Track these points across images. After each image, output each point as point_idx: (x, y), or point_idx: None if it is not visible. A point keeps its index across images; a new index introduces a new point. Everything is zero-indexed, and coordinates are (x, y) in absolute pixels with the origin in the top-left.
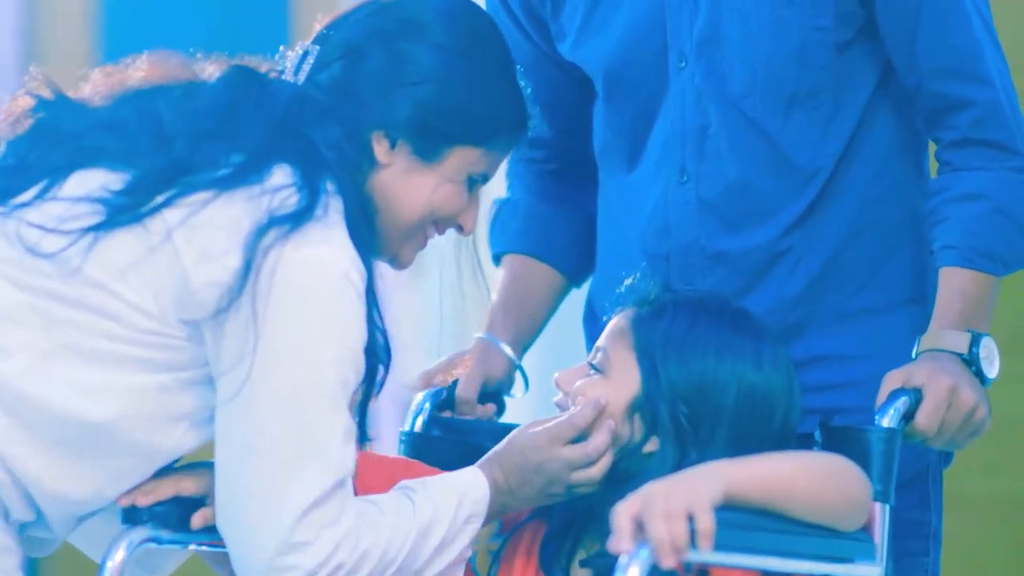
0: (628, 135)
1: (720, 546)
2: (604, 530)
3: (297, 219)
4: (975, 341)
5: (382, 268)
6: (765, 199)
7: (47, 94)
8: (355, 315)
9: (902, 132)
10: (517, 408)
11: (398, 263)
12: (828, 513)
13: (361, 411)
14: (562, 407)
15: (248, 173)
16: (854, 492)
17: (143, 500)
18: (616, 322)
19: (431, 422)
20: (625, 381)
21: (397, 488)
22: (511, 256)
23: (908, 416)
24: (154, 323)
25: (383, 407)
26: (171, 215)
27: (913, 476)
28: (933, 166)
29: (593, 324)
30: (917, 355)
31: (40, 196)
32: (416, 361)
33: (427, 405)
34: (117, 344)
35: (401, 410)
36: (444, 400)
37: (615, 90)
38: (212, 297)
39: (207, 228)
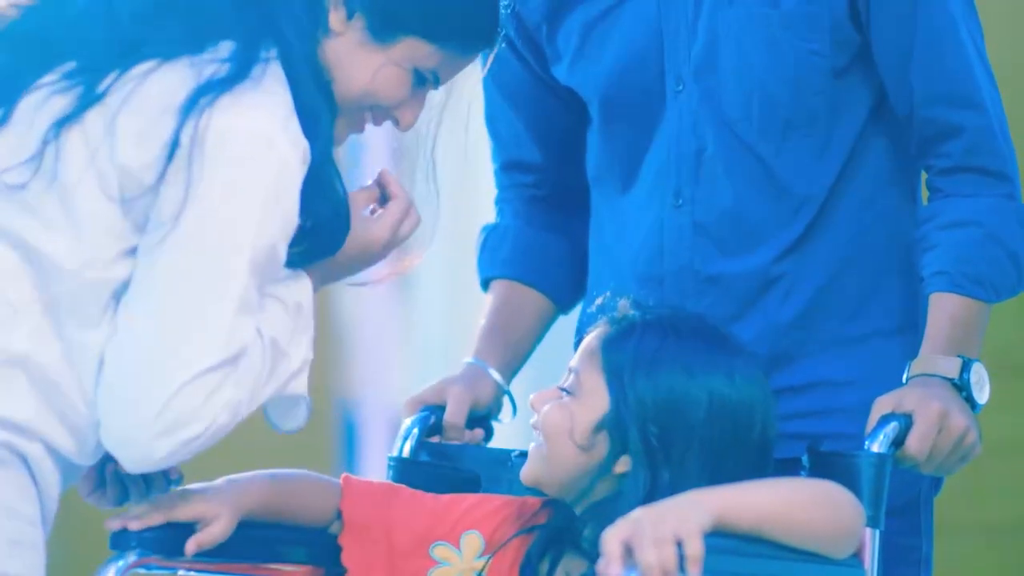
0: (623, 158)
1: (709, 571)
2: (583, 551)
3: (225, 84)
4: (966, 367)
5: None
6: (759, 224)
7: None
8: (281, 186)
9: (895, 160)
10: (505, 433)
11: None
12: (818, 541)
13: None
14: (538, 428)
15: (189, 44)
16: (845, 520)
17: (135, 525)
18: (587, 343)
19: (419, 447)
20: (595, 402)
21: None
22: (499, 281)
23: (898, 442)
24: (113, 238)
25: (372, 432)
26: (113, 100)
27: (905, 503)
28: (924, 195)
29: None
30: (908, 380)
31: (3, 120)
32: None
33: (415, 430)
34: (97, 290)
35: (390, 435)
36: (432, 425)
37: (611, 113)
38: (153, 173)
39: (146, 105)
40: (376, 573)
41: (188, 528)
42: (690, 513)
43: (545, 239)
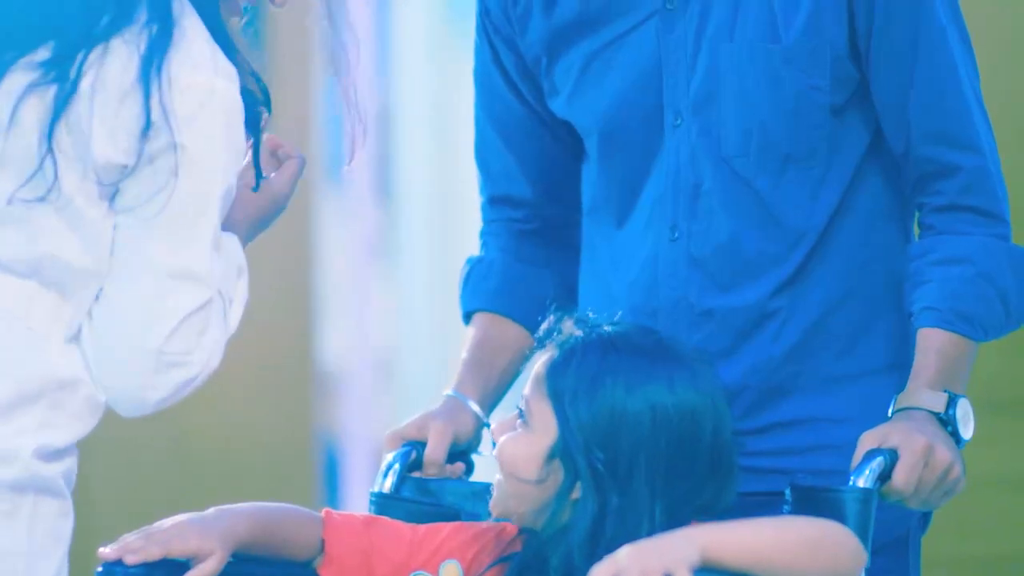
0: (620, 191)
1: None
2: None
3: (161, 47)
4: (952, 402)
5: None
6: (755, 259)
7: None
8: (231, 121)
9: (890, 197)
10: (486, 466)
11: None
12: None
13: (255, 161)
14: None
15: (121, 15)
16: (843, 562)
17: (132, 559)
18: (535, 369)
19: (401, 483)
20: (545, 431)
21: None
22: (482, 314)
23: (884, 477)
24: (105, 219)
25: (355, 465)
26: (82, 94)
27: (893, 539)
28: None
29: None
30: (893, 413)
31: None
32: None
33: (396, 466)
34: (100, 277)
35: (372, 468)
36: (413, 461)
37: (609, 146)
38: (131, 157)
39: (108, 98)
40: None
41: (184, 566)
42: (678, 548)
43: (531, 274)
